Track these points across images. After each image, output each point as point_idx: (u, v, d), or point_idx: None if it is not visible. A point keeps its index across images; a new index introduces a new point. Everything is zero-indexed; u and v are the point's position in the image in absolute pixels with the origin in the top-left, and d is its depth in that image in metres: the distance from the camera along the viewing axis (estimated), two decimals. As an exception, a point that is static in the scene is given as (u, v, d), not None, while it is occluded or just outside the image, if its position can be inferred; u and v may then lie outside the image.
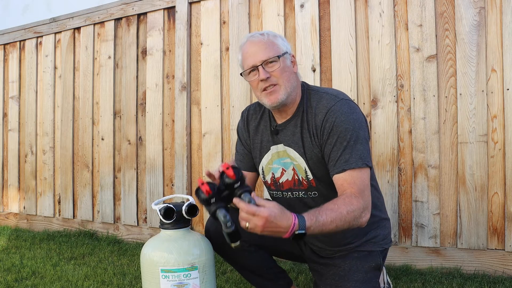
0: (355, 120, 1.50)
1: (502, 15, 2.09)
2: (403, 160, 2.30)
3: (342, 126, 1.48)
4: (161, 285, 1.48)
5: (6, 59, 3.79)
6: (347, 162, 1.46)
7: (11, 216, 3.74)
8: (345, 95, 1.59)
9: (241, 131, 1.79)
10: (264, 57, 1.54)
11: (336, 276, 1.61)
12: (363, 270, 1.58)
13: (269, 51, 1.54)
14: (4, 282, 2.19)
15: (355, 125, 1.49)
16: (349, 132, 1.48)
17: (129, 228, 3.11)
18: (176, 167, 2.90)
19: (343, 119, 1.49)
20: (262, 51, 1.55)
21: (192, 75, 2.90)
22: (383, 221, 1.68)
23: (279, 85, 1.55)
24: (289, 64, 1.58)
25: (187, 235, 1.56)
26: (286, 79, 1.55)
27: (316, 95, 1.59)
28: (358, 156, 1.46)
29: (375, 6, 2.35)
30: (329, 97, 1.56)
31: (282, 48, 1.57)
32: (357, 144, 1.47)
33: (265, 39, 1.56)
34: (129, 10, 3.11)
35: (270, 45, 1.55)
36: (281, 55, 1.55)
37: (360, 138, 1.48)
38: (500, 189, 2.10)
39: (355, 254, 1.62)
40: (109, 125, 3.21)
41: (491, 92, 2.11)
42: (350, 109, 1.52)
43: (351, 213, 1.38)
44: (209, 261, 1.55)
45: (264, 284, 1.81)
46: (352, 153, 1.46)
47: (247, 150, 1.77)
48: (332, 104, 1.52)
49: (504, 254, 2.10)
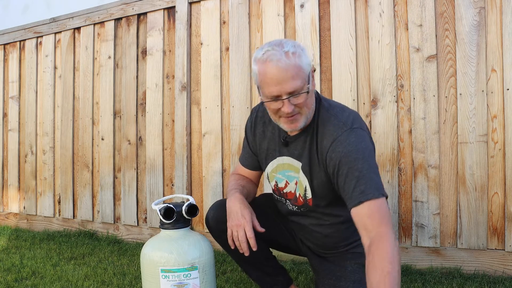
0: (364, 149, 1.44)
1: (502, 15, 2.09)
2: (403, 160, 2.30)
3: (351, 156, 1.42)
4: (161, 285, 1.48)
5: (6, 59, 3.79)
6: (363, 193, 1.38)
7: (11, 216, 3.74)
8: (355, 121, 1.51)
9: (248, 132, 1.76)
10: (292, 89, 1.39)
11: (333, 276, 1.61)
12: (360, 271, 1.58)
13: (297, 81, 1.39)
14: (4, 282, 2.19)
15: (364, 154, 1.43)
16: (360, 161, 1.41)
17: (129, 228, 3.11)
18: (176, 167, 2.90)
19: (350, 149, 1.43)
20: (289, 81, 1.38)
21: (192, 75, 2.90)
22: None
23: (301, 114, 1.46)
24: (312, 86, 1.46)
25: (187, 235, 1.56)
26: (309, 106, 1.47)
27: (325, 114, 1.52)
28: (374, 187, 1.38)
29: (375, 6, 2.35)
30: (336, 124, 1.48)
31: (307, 69, 1.42)
32: (370, 173, 1.40)
33: (292, 64, 1.38)
34: (129, 10, 3.12)
35: (298, 71, 1.39)
36: (309, 83, 1.42)
37: (372, 167, 1.42)
38: (500, 189, 2.10)
39: (348, 255, 1.63)
40: (109, 125, 3.21)
41: (491, 92, 2.11)
42: (358, 138, 1.45)
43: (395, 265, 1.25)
44: (209, 261, 1.55)
45: (263, 278, 1.81)
46: (367, 184, 1.39)
47: (252, 151, 1.77)
48: (338, 134, 1.46)
49: (504, 254, 2.10)
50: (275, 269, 1.82)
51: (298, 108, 1.44)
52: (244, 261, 1.80)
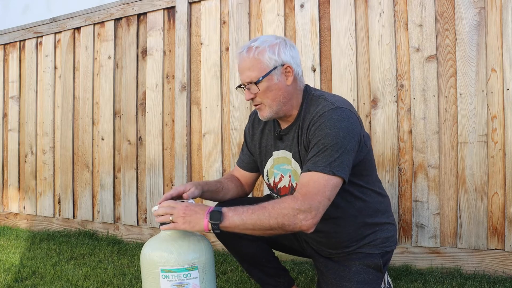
0: (341, 128, 1.44)
1: (502, 15, 2.09)
2: (403, 160, 2.30)
3: (325, 130, 1.45)
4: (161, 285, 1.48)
5: (6, 59, 3.79)
6: (314, 164, 1.42)
7: (11, 216, 3.74)
8: (345, 102, 1.54)
9: (247, 134, 1.81)
10: (247, 79, 1.54)
11: (337, 276, 1.61)
12: (364, 271, 1.58)
13: (252, 72, 1.52)
14: (4, 282, 2.19)
15: (338, 133, 1.43)
16: (330, 137, 1.43)
17: (129, 228, 3.11)
18: (176, 167, 2.90)
19: (328, 124, 1.45)
20: (245, 71, 1.54)
21: (192, 75, 2.90)
22: (385, 225, 1.66)
23: (263, 105, 1.56)
24: (277, 80, 1.53)
25: (187, 235, 1.55)
26: (271, 98, 1.54)
27: (316, 101, 1.56)
28: (328, 162, 1.40)
29: (375, 6, 2.35)
30: (325, 103, 1.52)
31: (268, 65, 1.52)
32: (333, 151, 1.41)
33: (250, 57, 1.53)
34: (129, 10, 3.12)
35: (255, 65, 1.52)
36: (265, 75, 1.51)
37: (339, 146, 1.42)
38: (500, 189, 2.10)
39: (353, 256, 1.62)
40: (109, 125, 3.21)
41: (491, 92, 2.11)
42: (341, 117, 1.47)
43: (277, 209, 1.36)
44: (209, 261, 1.55)
45: (264, 278, 1.81)
46: (324, 158, 1.41)
47: (250, 152, 1.80)
48: (324, 110, 1.49)
49: (504, 254, 2.10)
50: (277, 270, 1.82)
51: (258, 98, 1.55)
52: (245, 261, 1.81)
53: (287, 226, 1.36)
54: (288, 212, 1.36)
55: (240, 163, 1.85)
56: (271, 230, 1.37)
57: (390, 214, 1.71)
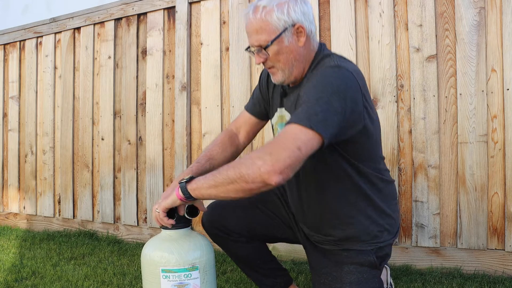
0: (331, 84, 1.31)
1: (502, 15, 2.09)
2: (403, 160, 2.30)
3: (313, 83, 1.34)
4: (161, 285, 1.48)
5: (6, 59, 3.79)
6: (294, 116, 1.28)
7: (11, 216, 3.74)
8: (351, 66, 1.41)
9: (263, 78, 1.72)
10: (256, 43, 1.43)
11: (329, 276, 1.54)
12: (356, 271, 1.51)
13: (260, 35, 1.41)
14: (4, 282, 2.19)
15: (327, 88, 1.30)
16: (316, 91, 1.30)
17: (129, 228, 3.11)
18: (176, 167, 2.90)
19: (320, 79, 1.34)
20: (253, 35, 1.43)
21: (192, 75, 2.90)
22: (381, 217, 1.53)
23: (275, 68, 1.46)
24: (288, 43, 1.42)
25: (188, 235, 1.56)
26: (282, 62, 1.44)
27: (322, 60, 1.46)
28: (307, 116, 1.25)
29: (375, 6, 2.36)
30: (329, 62, 1.42)
31: (277, 26, 1.40)
32: (316, 105, 1.27)
33: (257, 18, 1.41)
34: (129, 10, 3.12)
35: (262, 27, 1.40)
36: (274, 39, 1.40)
37: (324, 101, 1.28)
38: (500, 189, 2.10)
39: (345, 253, 1.53)
40: (109, 125, 3.21)
41: (491, 92, 2.11)
42: (337, 74, 1.34)
43: (237, 161, 1.27)
44: (209, 261, 1.55)
45: (261, 279, 1.79)
46: (304, 110, 1.27)
47: (262, 95, 1.72)
48: (323, 67, 1.40)
49: (504, 254, 2.10)
50: (273, 271, 1.80)
51: (270, 62, 1.45)
52: (241, 262, 1.80)
53: (246, 175, 1.22)
54: (246, 161, 1.24)
55: (248, 106, 1.76)
56: (232, 183, 1.24)
57: (391, 205, 1.57)
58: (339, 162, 1.46)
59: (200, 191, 1.34)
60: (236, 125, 1.80)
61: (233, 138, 1.76)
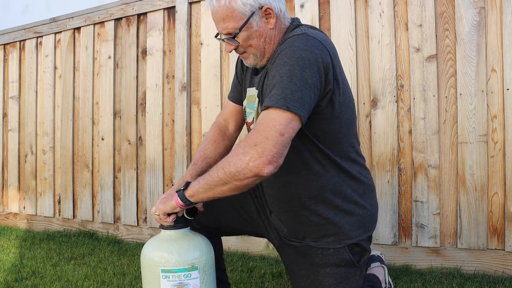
0: (301, 58, 1.26)
1: (502, 15, 2.09)
2: (403, 160, 2.30)
3: (283, 59, 1.28)
4: (161, 285, 1.48)
5: (6, 59, 3.79)
6: (270, 98, 1.25)
7: (11, 216, 3.74)
8: (318, 35, 1.36)
9: (239, 63, 1.69)
10: (224, 31, 1.39)
11: (308, 279, 1.49)
12: (333, 273, 1.44)
13: (228, 23, 1.37)
14: (4, 282, 2.19)
15: (297, 62, 1.26)
16: (286, 67, 1.26)
17: (129, 228, 3.11)
18: (176, 167, 2.90)
19: (288, 52, 1.28)
20: (220, 23, 1.39)
21: (192, 75, 2.91)
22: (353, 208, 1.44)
23: (246, 53, 1.43)
24: (258, 27, 1.38)
25: (187, 235, 1.56)
26: (254, 46, 1.41)
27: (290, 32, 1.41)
28: (283, 95, 1.23)
29: (375, 6, 2.35)
30: (296, 31, 1.36)
31: (244, 12, 1.36)
32: (289, 83, 1.24)
33: (222, 5, 1.36)
34: (129, 10, 3.12)
35: (228, 15, 1.36)
36: (243, 25, 1.36)
37: (296, 77, 1.24)
38: (500, 189, 2.10)
39: (319, 254, 1.45)
40: (109, 125, 3.21)
41: (491, 92, 2.11)
42: (304, 45, 1.29)
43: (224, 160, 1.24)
44: (209, 261, 1.55)
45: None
46: (279, 91, 1.24)
47: (238, 80, 1.69)
48: (289, 37, 1.34)
49: (504, 254, 2.10)
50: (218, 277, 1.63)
51: (242, 48, 1.42)
52: None
53: (236, 174, 1.20)
54: (233, 159, 1.21)
55: (230, 94, 1.73)
56: (226, 184, 1.23)
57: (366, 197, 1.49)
58: (305, 144, 1.40)
59: (199, 196, 1.34)
60: (224, 116, 1.76)
61: (223, 132, 1.73)
